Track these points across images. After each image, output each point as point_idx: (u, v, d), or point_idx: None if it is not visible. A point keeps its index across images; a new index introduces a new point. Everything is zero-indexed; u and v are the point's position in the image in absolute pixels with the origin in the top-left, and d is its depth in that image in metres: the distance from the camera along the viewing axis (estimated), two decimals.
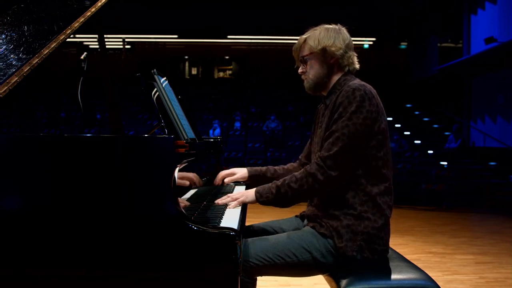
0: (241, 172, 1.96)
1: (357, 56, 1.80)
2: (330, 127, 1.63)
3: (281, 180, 1.67)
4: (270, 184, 1.69)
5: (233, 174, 1.97)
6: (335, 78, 1.76)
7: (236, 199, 1.72)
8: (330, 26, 1.78)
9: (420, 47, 15.02)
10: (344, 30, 1.78)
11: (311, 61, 1.76)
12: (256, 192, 1.70)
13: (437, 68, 13.16)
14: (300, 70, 1.82)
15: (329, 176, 1.58)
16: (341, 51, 1.73)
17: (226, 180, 1.95)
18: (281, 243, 1.62)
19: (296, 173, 1.66)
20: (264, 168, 1.99)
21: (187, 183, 1.93)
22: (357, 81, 1.70)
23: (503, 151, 10.11)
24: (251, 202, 1.73)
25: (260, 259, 1.58)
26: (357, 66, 1.78)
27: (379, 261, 1.65)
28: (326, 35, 1.73)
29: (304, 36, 1.79)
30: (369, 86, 1.67)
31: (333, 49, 1.72)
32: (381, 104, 1.68)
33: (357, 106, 1.59)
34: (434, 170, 8.74)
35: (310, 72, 1.77)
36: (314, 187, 1.60)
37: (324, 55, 1.73)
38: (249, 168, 1.97)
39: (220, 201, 1.74)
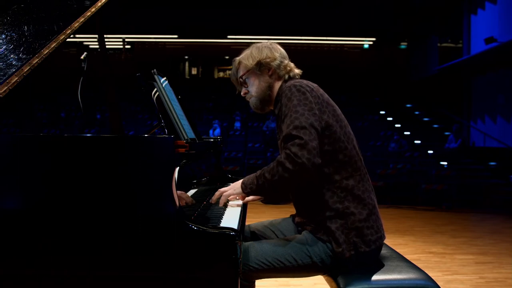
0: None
1: (295, 64, 1.78)
2: (283, 128, 1.60)
3: (261, 169, 1.64)
4: (254, 173, 1.68)
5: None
6: (277, 88, 1.76)
7: (224, 193, 1.71)
8: (261, 43, 1.79)
9: (420, 47, 15.02)
10: (276, 45, 1.79)
11: (250, 79, 1.77)
12: (242, 183, 1.68)
13: (437, 68, 13.16)
14: (242, 93, 1.81)
15: (297, 163, 1.51)
16: (276, 61, 1.73)
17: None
18: (281, 248, 1.62)
19: (271, 163, 1.62)
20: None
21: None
22: (293, 80, 1.70)
23: (503, 151, 10.11)
24: (239, 194, 1.70)
25: (259, 263, 1.58)
26: (297, 71, 1.78)
27: (377, 253, 1.66)
28: (258, 51, 1.75)
29: (237, 59, 1.80)
30: (306, 81, 1.67)
31: (267, 60, 1.72)
32: (326, 96, 1.67)
33: (298, 100, 1.58)
34: (434, 170, 8.74)
35: (251, 90, 1.77)
36: (284, 176, 1.54)
37: (260, 68, 1.74)
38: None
39: (213, 199, 1.74)
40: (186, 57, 17.42)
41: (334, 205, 1.61)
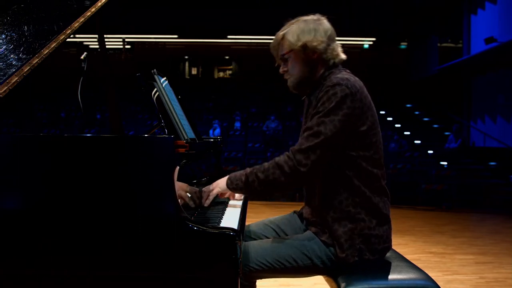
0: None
1: (341, 48, 1.66)
2: (308, 122, 1.56)
3: (251, 168, 1.60)
4: (242, 171, 1.63)
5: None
6: (320, 72, 1.64)
7: (211, 191, 1.69)
8: (308, 17, 1.64)
9: (420, 47, 15.01)
10: (324, 21, 1.64)
11: (292, 59, 1.63)
12: (228, 178, 1.65)
13: (437, 68, 13.16)
14: (281, 70, 1.69)
15: (297, 170, 1.50)
16: (323, 44, 1.59)
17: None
18: (281, 248, 1.59)
19: (266, 163, 1.59)
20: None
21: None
22: (341, 75, 1.57)
23: (503, 151, 10.11)
24: (224, 190, 1.68)
25: (259, 263, 1.57)
26: (343, 56, 1.65)
27: (380, 260, 1.64)
28: (306, 29, 1.59)
29: (281, 32, 1.64)
30: (353, 80, 1.55)
31: (314, 44, 1.58)
32: (369, 99, 1.57)
33: (336, 103, 1.48)
34: (434, 170, 8.74)
35: (292, 71, 1.65)
36: (280, 179, 1.52)
37: (305, 51, 1.59)
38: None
39: (207, 203, 1.72)
40: (186, 57, 17.42)
41: (347, 207, 1.57)
